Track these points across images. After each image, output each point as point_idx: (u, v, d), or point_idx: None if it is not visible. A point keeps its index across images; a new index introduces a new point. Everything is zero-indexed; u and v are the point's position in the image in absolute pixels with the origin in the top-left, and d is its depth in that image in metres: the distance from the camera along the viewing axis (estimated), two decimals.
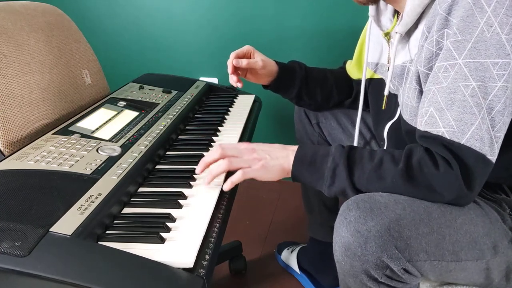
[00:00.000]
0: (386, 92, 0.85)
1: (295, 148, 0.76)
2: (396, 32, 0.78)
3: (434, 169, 0.64)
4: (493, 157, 0.63)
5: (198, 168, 0.77)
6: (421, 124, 0.68)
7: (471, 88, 0.62)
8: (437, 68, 0.66)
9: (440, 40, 0.66)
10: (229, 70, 0.99)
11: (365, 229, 0.61)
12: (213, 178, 0.75)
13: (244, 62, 0.98)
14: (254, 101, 1.22)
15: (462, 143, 0.63)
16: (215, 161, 0.76)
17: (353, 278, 0.65)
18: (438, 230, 0.64)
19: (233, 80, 0.99)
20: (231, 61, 0.99)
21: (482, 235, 0.67)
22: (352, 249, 0.62)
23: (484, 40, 0.62)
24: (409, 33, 0.78)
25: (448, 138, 0.64)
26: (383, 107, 0.88)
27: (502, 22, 0.61)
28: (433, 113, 0.66)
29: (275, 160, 0.75)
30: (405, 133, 0.81)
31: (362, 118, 1.02)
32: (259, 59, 1.01)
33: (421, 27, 0.73)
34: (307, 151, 0.75)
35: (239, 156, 0.75)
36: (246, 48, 1.02)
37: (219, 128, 1.02)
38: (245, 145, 0.78)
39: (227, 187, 0.74)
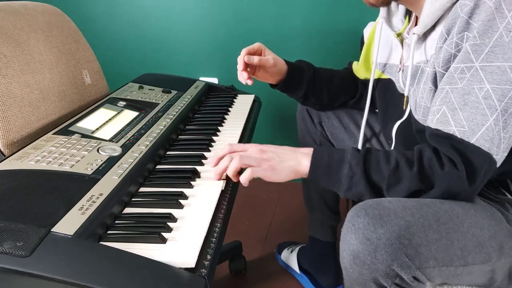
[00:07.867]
0: (406, 93, 0.84)
1: (305, 150, 0.76)
2: (414, 33, 0.78)
3: (440, 168, 0.66)
4: (498, 156, 0.65)
5: (212, 163, 0.79)
6: (432, 122, 0.69)
7: (485, 91, 0.64)
8: (453, 69, 0.67)
9: (459, 42, 0.67)
10: (240, 67, 0.95)
11: (375, 237, 0.60)
12: (223, 173, 0.76)
13: (256, 59, 0.95)
14: (254, 101, 1.22)
15: (471, 142, 0.65)
16: (224, 156, 0.77)
17: (360, 286, 0.64)
18: (446, 236, 0.63)
19: (243, 78, 0.95)
20: (242, 58, 0.95)
21: (488, 238, 0.67)
22: (361, 257, 0.61)
23: (503, 44, 0.63)
24: (425, 34, 0.78)
25: (459, 137, 0.65)
26: (404, 107, 0.88)
27: None
28: (445, 112, 0.67)
29: (284, 162, 0.75)
30: (416, 132, 0.81)
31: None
32: (270, 57, 0.99)
33: (439, 28, 0.73)
34: (323, 155, 0.74)
35: (249, 155, 0.75)
36: (257, 45, 0.99)
37: (219, 128, 1.02)
38: (254, 145, 0.78)
39: (243, 183, 0.75)
